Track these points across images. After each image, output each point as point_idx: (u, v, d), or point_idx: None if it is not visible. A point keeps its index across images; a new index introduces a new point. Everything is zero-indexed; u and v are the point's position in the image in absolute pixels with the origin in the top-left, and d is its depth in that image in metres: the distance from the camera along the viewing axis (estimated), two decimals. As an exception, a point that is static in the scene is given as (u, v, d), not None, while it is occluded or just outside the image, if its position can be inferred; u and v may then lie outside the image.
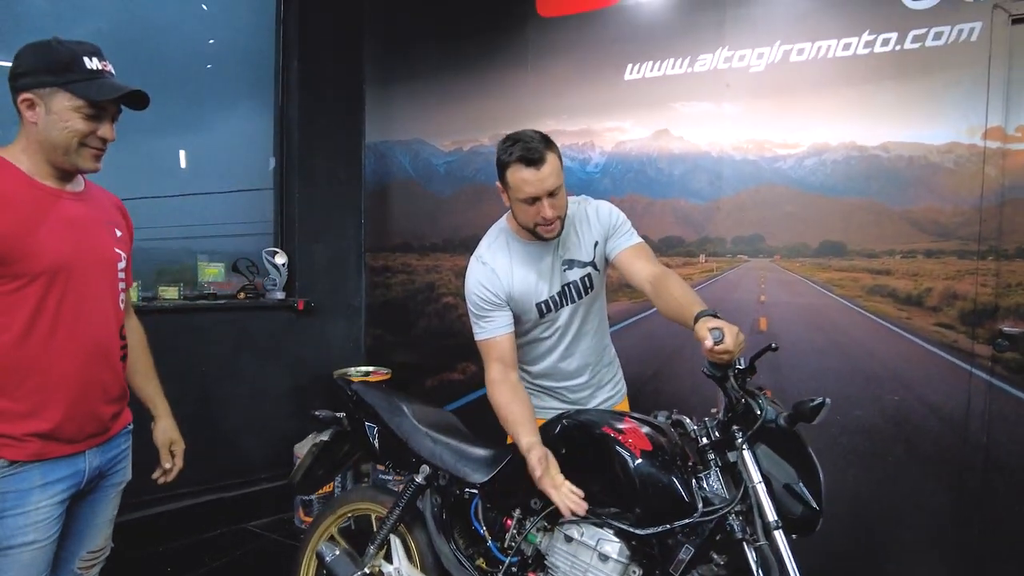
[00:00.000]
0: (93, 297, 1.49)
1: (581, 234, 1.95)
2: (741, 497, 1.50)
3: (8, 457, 1.36)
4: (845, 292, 2.60)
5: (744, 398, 1.54)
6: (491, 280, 1.91)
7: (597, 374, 2.10)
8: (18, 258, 1.36)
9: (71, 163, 1.44)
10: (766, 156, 2.73)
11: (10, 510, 1.36)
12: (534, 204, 1.76)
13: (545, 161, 1.73)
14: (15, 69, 1.40)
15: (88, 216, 1.51)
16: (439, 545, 1.89)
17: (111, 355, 1.55)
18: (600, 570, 1.60)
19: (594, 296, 2.03)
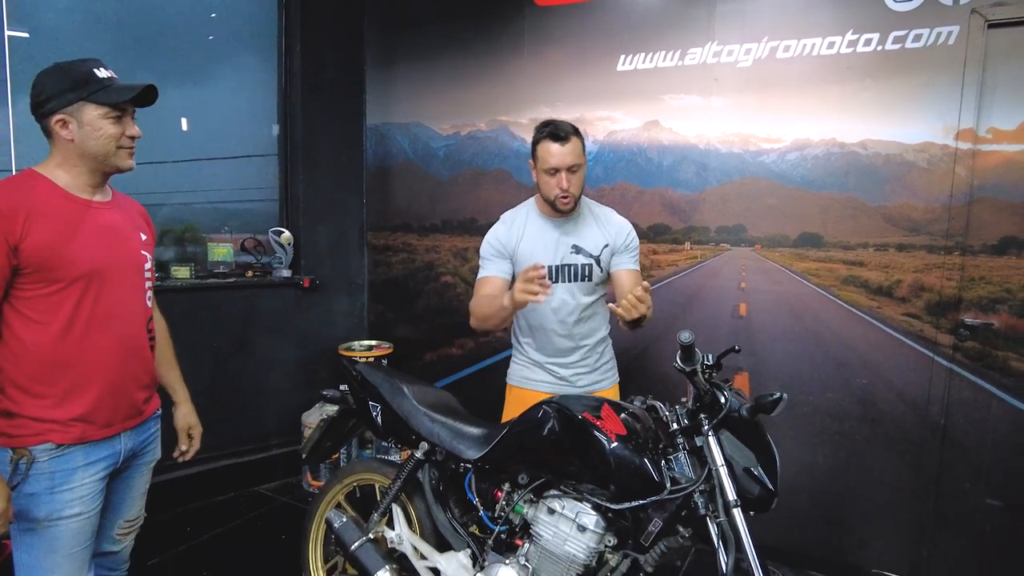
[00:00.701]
0: (124, 297, 1.63)
1: (597, 230, 2.26)
2: (705, 478, 1.66)
3: (55, 441, 1.51)
4: (821, 281, 2.75)
5: (711, 390, 1.71)
6: (504, 233, 2.28)
7: (587, 358, 2.32)
8: (58, 265, 1.49)
9: (112, 165, 1.58)
10: (750, 150, 2.85)
11: (59, 487, 1.52)
12: (555, 176, 2.10)
13: (569, 141, 2.10)
14: (39, 97, 1.52)
15: (118, 223, 1.65)
16: (436, 514, 2.09)
17: (141, 348, 1.70)
18: (579, 539, 1.79)
19: (593, 287, 2.26)
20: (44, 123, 1.54)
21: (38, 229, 1.46)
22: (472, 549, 2.00)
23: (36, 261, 1.47)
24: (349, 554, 2.07)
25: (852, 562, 2.73)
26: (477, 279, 2.30)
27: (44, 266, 1.48)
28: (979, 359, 2.50)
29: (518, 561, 1.88)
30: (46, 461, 1.51)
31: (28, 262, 1.46)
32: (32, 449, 1.49)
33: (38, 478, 1.50)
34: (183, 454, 1.92)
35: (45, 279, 1.49)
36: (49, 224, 1.48)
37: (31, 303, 1.49)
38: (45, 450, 1.51)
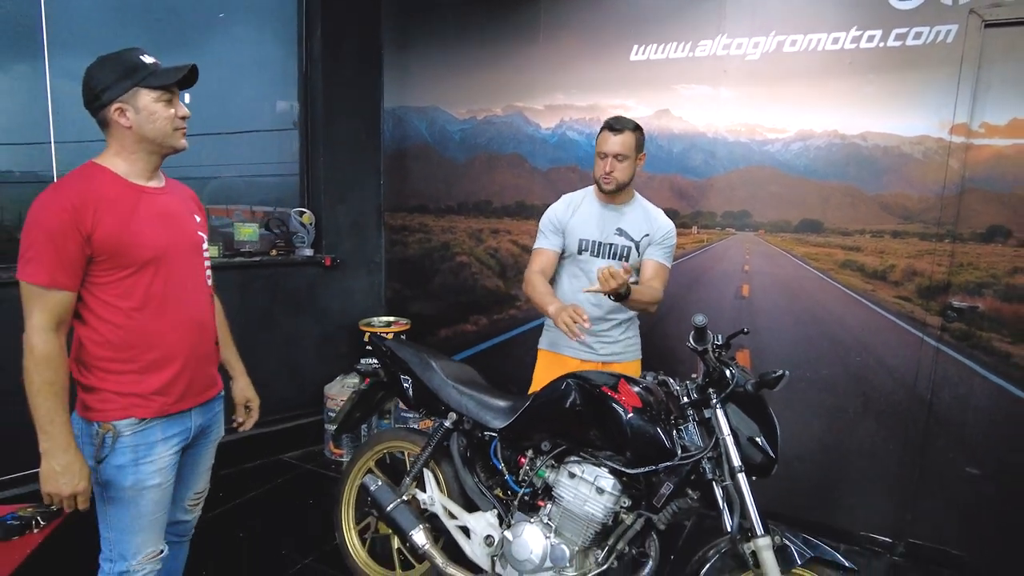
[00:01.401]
0: (189, 276, 1.72)
1: (643, 221, 2.53)
2: (713, 446, 1.85)
3: (138, 416, 1.62)
4: (820, 265, 2.93)
5: (719, 367, 1.89)
6: (561, 210, 2.57)
7: (614, 331, 2.56)
8: (126, 250, 1.57)
9: (169, 146, 1.65)
10: (756, 139, 3.00)
11: (142, 459, 1.63)
12: (603, 160, 2.42)
13: (622, 133, 2.40)
14: (95, 90, 1.56)
15: (174, 207, 1.72)
16: (464, 477, 2.28)
17: (209, 326, 1.81)
18: (597, 500, 1.98)
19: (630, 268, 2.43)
20: (102, 114, 1.58)
21: (107, 218, 1.53)
22: (498, 510, 2.20)
23: (108, 248, 1.54)
24: (385, 515, 2.27)
25: (843, 525, 2.95)
26: (534, 248, 2.61)
27: (115, 252, 1.55)
28: (964, 339, 2.68)
29: (541, 520, 2.08)
30: (129, 435, 1.61)
31: (101, 250, 1.53)
32: (116, 424, 1.60)
33: (123, 451, 1.61)
34: (241, 424, 2.08)
35: (117, 265, 1.57)
36: (115, 213, 1.55)
37: (107, 288, 1.57)
38: (128, 424, 1.61)
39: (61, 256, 1.49)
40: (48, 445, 1.50)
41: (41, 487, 1.52)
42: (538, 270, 2.50)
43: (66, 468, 1.50)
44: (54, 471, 1.50)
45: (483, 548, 2.17)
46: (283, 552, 2.74)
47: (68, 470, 1.50)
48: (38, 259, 1.47)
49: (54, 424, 1.49)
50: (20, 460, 2.84)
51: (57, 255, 1.48)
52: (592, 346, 2.55)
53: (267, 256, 3.74)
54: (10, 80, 3.05)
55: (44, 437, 1.50)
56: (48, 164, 3.04)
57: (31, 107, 3.02)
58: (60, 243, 1.48)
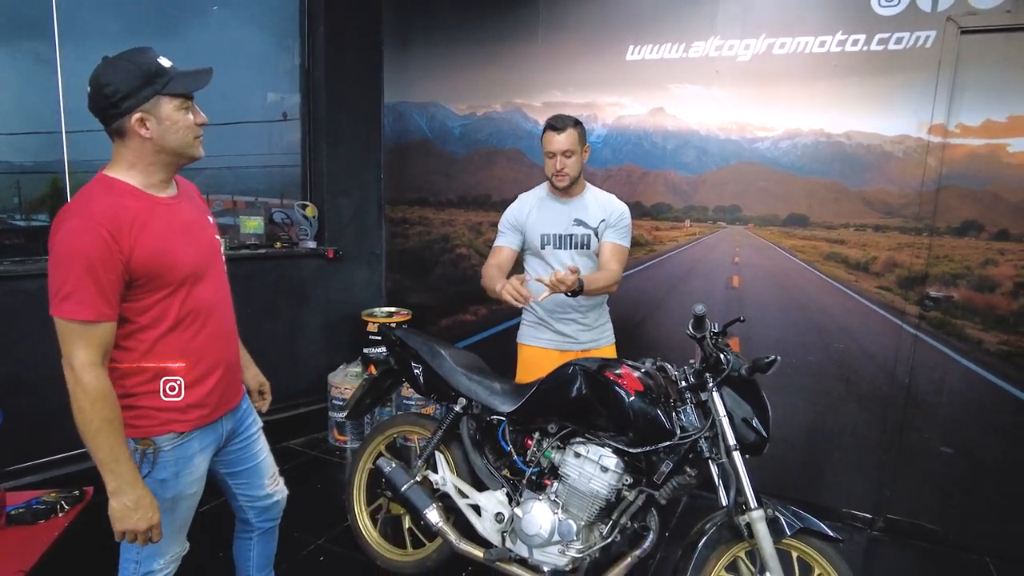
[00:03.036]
0: (217, 285, 1.69)
1: (597, 208, 2.63)
2: (709, 426, 1.99)
3: (177, 431, 1.60)
4: (806, 257, 3.08)
5: (716, 352, 2.03)
6: (517, 209, 2.71)
7: (586, 317, 2.68)
8: (164, 271, 1.50)
9: (188, 156, 1.56)
10: (747, 137, 3.14)
11: (183, 471, 1.63)
12: (553, 158, 2.53)
13: (565, 131, 2.50)
14: (113, 97, 1.43)
15: (194, 216, 1.65)
16: (474, 459, 2.41)
17: (235, 332, 1.81)
18: (601, 478, 2.12)
19: (592, 255, 2.63)
20: (119, 123, 1.46)
21: (142, 239, 1.45)
22: (507, 488, 2.34)
23: (146, 271, 1.47)
24: (399, 495, 2.40)
25: (826, 503, 3.13)
26: (493, 245, 2.74)
27: (153, 275, 1.49)
28: (940, 327, 2.86)
29: (549, 497, 2.21)
30: (170, 450, 1.59)
31: (139, 273, 1.46)
32: (156, 439, 1.57)
33: (165, 465, 1.60)
34: (257, 410, 2.16)
35: (154, 287, 1.50)
36: (149, 232, 1.47)
37: (143, 313, 1.51)
38: (169, 439, 1.59)
39: (103, 287, 1.40)
40: (116, 484, 1.45)
41: (114, 526, 1.48)
42: (494, 264, 2.62)
43: (138, 503, 1.48)
44: (127, 508, 1.46)
45: (493, 525, 2.31)
46: (295, 534, 2.85)
47: (140, 505, 1.48)
48: (79, 294, 1.37)
49: (119, 462, 1.45)
50: (44, 446, 2.93)
51: (98, 287, 1.39)
52: (569, 335, 2.67)
53: (272, 248, 3.83)
54: (21, 70, 3.10)
55: (110, 476, 1.45)
56: (59, 154, 3.10)
57: (42, 97, 3.06)
58: (100, 274, 1.39)
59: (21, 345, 2.79)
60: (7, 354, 2.79)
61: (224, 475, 1.90)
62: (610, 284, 2.50)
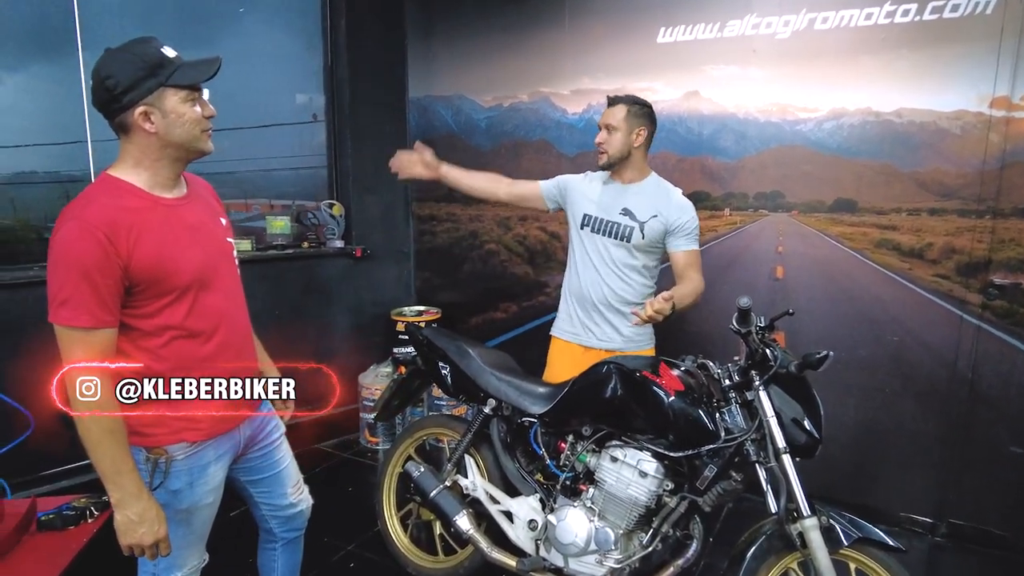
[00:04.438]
0: (229, 290, 1.61)
1: (652, 201, 2.42)
2: (756, 428, 1.86)
3: (190, 440, 1.53)
4: (855, 245, 2.90)
5: (762, 348, 1.89)
6: (576, 178, 2.60)
7: (614, 316, 2.48)
8: (166, 277, 1.43)
9: (196, 151, 1.48)
10: (788, 119, 2.97)
11: (197, 481, 1.56)
12: (599, 132, 2.42)
13: (616, 106, 2.40)
14: (114, 90, 1.37)
15: (203, 218, 1.57)
16: (505, 463, 2.31)
17: (250, 337, 1.73)
18: (640, 484, 2.00)
19: (631, 250, 2.43)
20: (122, 118, 1.39)
21: (142, 242, 1.38)
22: (540, 494, 2.23)
23: (147, 276, 1.40)
24: (429, 500, 2.31)
25: (882, 506, 2.94)
26: None
27: (154, 280, 1.41)
28: (1006, 316, 2.65)
29: (585, 504, 2.10)
30: (183, 459, 1.53)
31: (139, 278, 1.39)
32: (169, 448, 1.51)
33: (178, 475, 1.53)
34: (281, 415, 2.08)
35: (156, 293, 1.43)
36: (150, 235, 1.40)
37: (147, 319, 1.45)
38: (181, 448, 1.52)
39: (100, 293, 1.33)
40: (119, 496, 1.39)
41: (120, 540, 1.42)
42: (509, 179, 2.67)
43: (142, 516, 1.41)
44: (131, 522, 1.40)
45: (527, 532, 2.20)
46: (325, 539, 2.79)
47: (145, 518, 1.41)
48: (75, 300, 1.31)
49: (121, 474, 1.39)
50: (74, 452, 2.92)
51: (96, 292, 1.32)
52: (592, 330, 2.52)
53: (299, 248, 3.79)
54: (46, 80, 3.10)
55: (113, 488, 1.39)
56: (85, 163, 3.10)
57: (67, 106, 3.06)
58: (97, 279, 1.32)
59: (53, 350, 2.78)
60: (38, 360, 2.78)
61: (245, 483, 1.83)
62: (697, 295, 2.35)
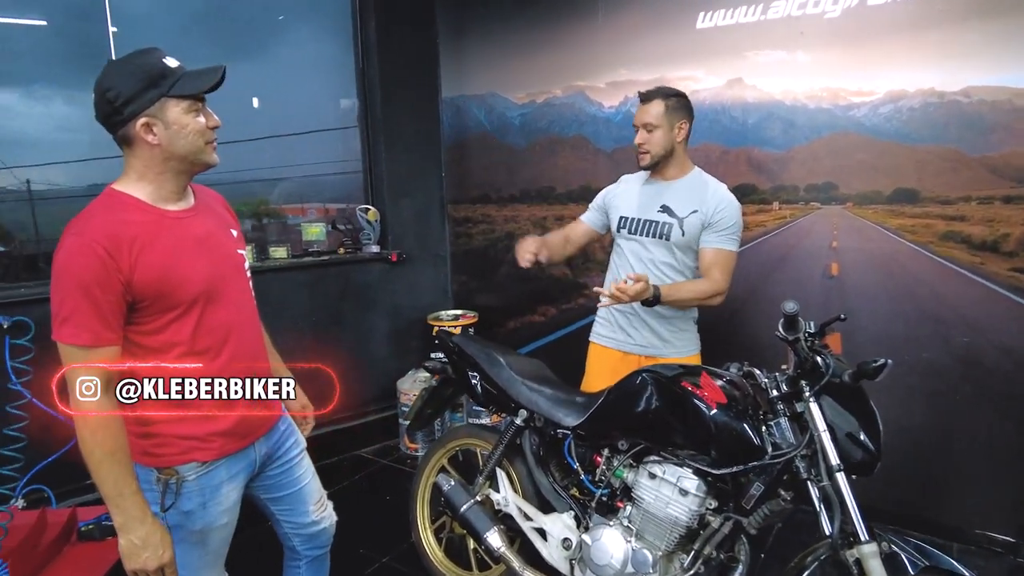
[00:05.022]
0: (238, 303, 1.57)
1: (693, 195, 2.30)
2: (807, 443, 1.70)
3: (200, 459, 1.48)
4: (917, 238, 2.67)
5: (812, 356, 1.72)
6: (612, 188, 2.52)
7: (663, 326, 2.35)
8: (171, 291, 1.39)
9: (201, 163, 1.45)
10: (840, 104, 2.75)
11: (210, 501, 1.52)
12: (637, 132, 2.30)
13: (651, 102, 2.27)
14: (114, 102, 1.34)
15: (211, 229, 1.54)
16: (538, 477, 2.21)
17: (263, 353, 1.69)
18: (681, 502, 1.86)
19: (671, 248, 2.31)
20: (124, 131, 1.37)
21: (145, 257, 1.35)
22: (575, 511, 2.11)
23: (150, 291, 1.37)
24: (459, 516, 2.22)
25: (954, 523, 2.70)
26: None
27: (158, 295, 1.38)
28: (1095, 314, 2.38)
29: (621, 523, 1.97)
30: (194, 479, 1.49)
31: (143, 294, 1.36)
32: (179, 468, 1.47)
33: (190, 496, 1.49)
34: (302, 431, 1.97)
35: (161, 308, 1.40)
36: (153, 249, 1.37)
37: (152, 335, 1.42)
38: (191, 468, 1.49)
39: (101, 309, 1.30)
40: (122, 519, 1.34)
41: (124, 565, 1.38)
42: (561, 231, 2.54)
43: (146, 541, 1.36)
44: (134, 546, 1.35)
45: (560, 551, 2.09)
46: (360, 551, 2.75)
47: (148, 543, 1.36)
48: (76, 317, 1.29)
49: (124, 496, 1.34)
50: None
51: (97, 309, 1.30)
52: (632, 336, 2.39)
53: (335, 254, 3.77)
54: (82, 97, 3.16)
55: (116, 512, 1.34)
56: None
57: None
58: (97, 295, 1.29)
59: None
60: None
61: (265, 501, 1.78)
62: (707, 296, 2.21)
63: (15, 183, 3.12)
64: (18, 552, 2.25)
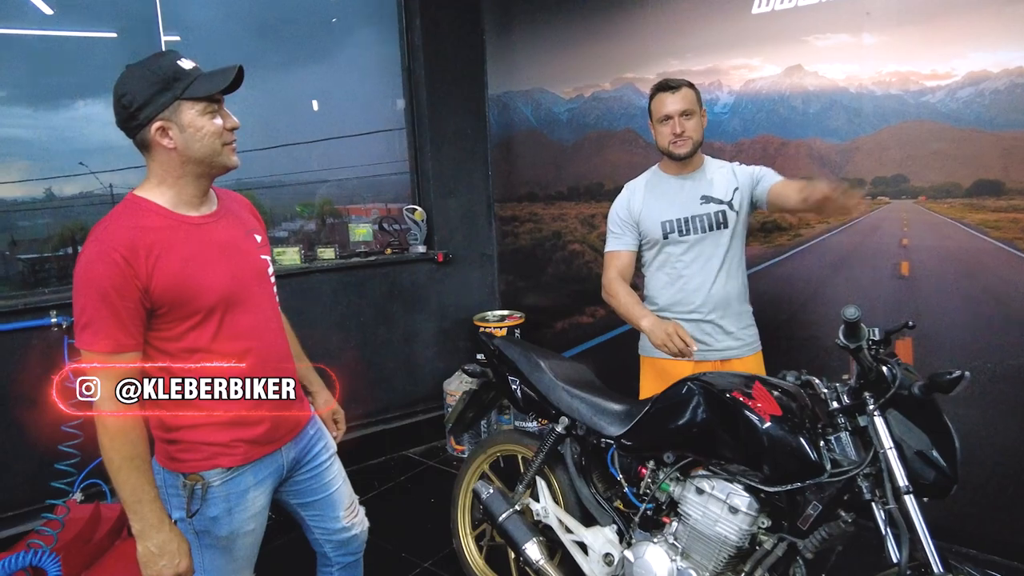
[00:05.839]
0: (260, 310, 1.54)
1: (724, 177, 2.24)
2: (871, 460, 1.55)
3: (224, 465, 1.47)
4: (1002, 235, 2.43)
5: (876, 366, 1.57)
6: (625, 200, 2.34)
7: (724, 316, 2.24)
8: (189, 298, 1.38)
9: (220, 166, 1.43)
10: (912, 89, 2.54)
11: (236, 507, 1.50)
12: (667, 123, 2.17)
13: (680, 90, 2.16)
14: (130, 108, 1.34)
15: (233, 235, 1.52)
16: (579, 488, 2.11)
17: (289, 360, 1.65)
18: (730, 520, 1.73)
19: (727, 236, 2.21)
20: (141, 135, 1.37)
21: (163, 263, 1.34)
22: (618, 525, 2.01)
23: (169, 298, 1.35)
24: (498, 525, 2.15)
25: (1041, 545, 2.46)
26: (605, 251, 2.38)
27: (177, 302, 1.37)
28: None
29: (666, 540, 1.86)
30: (220, 484, 1.48)
31: (161, 301, 1.35)
32: (204, 474, 1.46)
33: (215, 501, 1.48)
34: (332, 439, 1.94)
35: (181, 315, 1.39)
36: (171, 255, 1.36)
37: (172, 342, 1.41)
38: (217, 474, 1.47)
39: (120, 316, 1.30)
40: (140, 526, 1.34)
41: (142, 572, 1.37)
42: (616, 276, 2.30)
43: (163, 548, 1.35)
44: (151, 554, 1.34)
45: (602, 567, 2.00)
46: (402, 555, 2.72)
47: (166, 550, 1.35)
48: (95, 324, 1.29)
49: (142, 503, 1.33)
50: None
51: (116, 316, 1.29)
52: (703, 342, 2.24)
53: (382, 255, 3.77)
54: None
55: (134, 518, 1.34)
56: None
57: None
58: (116, 302, 1.29)
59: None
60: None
61: (295, 506, 1.76)
62: None
63: (100, 187, 3.29)
64: (72, 545, 2.32)
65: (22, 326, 2.77)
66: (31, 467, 2.74)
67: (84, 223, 3.31)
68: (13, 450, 2.76)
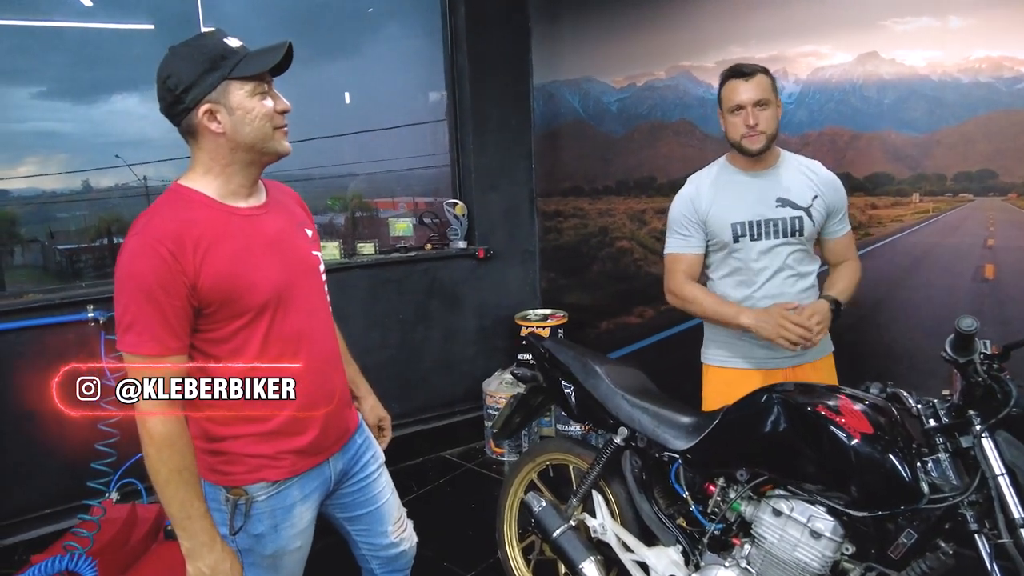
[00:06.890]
0: (311, 309, 1.44)
1: (804, 179, 2.04)
2: (977, 487, 1.40)
3: (269, 479, 1.38)
4: (1103, 236, 2.23)
5: (988, 382, 1.41)
6: (691, 197, 2.10)
7: None
8: (239, 296, 1.28)
9: (271, 151, 1.33)
10: (1004, 76, 2.33)
11: (282, 523, 1.41)
12: (740, 113, 1.96)
13: (754, 76, 1.95)
14: (175, 90, 1.24)
15: (284, 228, 1.42)
16: (640, 503, 1.97)
17: (340, 363, 1.56)
18: (812, 546, 1.58)
19: (802, 243, 2.04)
20: (187, 120, 1.27)
21: (211, 259, 1.24)
22: (683, 545, 1.87)
23: (217, 296, 1.26)
24: (551, 541, 2.01)
25: None
26: (667, 252, 2.17)
27: (226, 300, 1.27)
28: None
29: (738, 563, 1.72)
30: (264, 499, 1.38)
31: (209, 299, 1.25)
32: (248, 488, 1.37)
33: (260, 518, 1.38)
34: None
35: (229, 314, 1.29)
36: (220, 250, 1.26)
37: (219, 344, 1.31)
38: (261, 488, 1.38)
39: (166, 315, 1.20)
40: (190, 544, 1.25)
41: None
42: (685, 279, 2.10)
43: (215, 569, 1.26)
44: (203, 574, 1.26)
45: (666, 590, 1.86)
46: (444, 564, 2.61)
47: (218, 571, 1.26)
48: (139, 324, 1.19)
49: (191, 519, 1.24)
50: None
51: (161, 315, 1.19)
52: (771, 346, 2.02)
53: (422, 250, 3.67)
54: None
55: (184, 535, 1.25)
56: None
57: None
58: (162, 299, 1.19)
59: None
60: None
61: (341, 520, 1.65)
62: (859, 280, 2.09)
63: (134, 179, 3.26)
64: (108, 548, 2.26)
65: (59, 320, 2.73)
66: (67, 465, 2.70)
67: (119, 215, 3.30)
68: (49, 448, 2.73)
